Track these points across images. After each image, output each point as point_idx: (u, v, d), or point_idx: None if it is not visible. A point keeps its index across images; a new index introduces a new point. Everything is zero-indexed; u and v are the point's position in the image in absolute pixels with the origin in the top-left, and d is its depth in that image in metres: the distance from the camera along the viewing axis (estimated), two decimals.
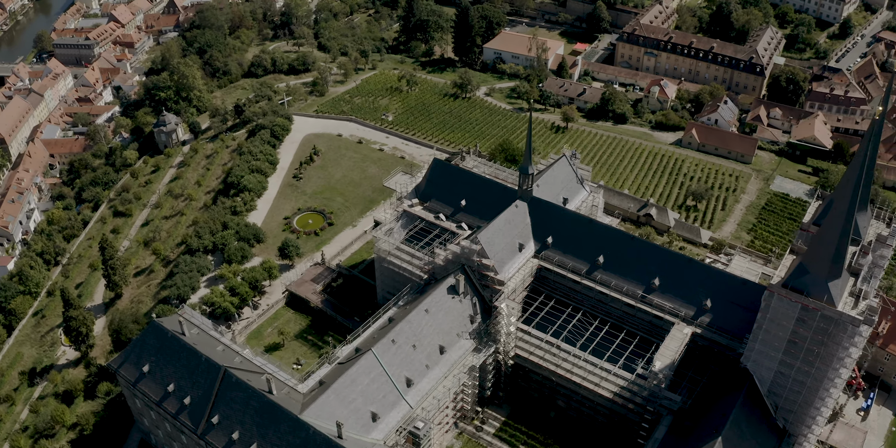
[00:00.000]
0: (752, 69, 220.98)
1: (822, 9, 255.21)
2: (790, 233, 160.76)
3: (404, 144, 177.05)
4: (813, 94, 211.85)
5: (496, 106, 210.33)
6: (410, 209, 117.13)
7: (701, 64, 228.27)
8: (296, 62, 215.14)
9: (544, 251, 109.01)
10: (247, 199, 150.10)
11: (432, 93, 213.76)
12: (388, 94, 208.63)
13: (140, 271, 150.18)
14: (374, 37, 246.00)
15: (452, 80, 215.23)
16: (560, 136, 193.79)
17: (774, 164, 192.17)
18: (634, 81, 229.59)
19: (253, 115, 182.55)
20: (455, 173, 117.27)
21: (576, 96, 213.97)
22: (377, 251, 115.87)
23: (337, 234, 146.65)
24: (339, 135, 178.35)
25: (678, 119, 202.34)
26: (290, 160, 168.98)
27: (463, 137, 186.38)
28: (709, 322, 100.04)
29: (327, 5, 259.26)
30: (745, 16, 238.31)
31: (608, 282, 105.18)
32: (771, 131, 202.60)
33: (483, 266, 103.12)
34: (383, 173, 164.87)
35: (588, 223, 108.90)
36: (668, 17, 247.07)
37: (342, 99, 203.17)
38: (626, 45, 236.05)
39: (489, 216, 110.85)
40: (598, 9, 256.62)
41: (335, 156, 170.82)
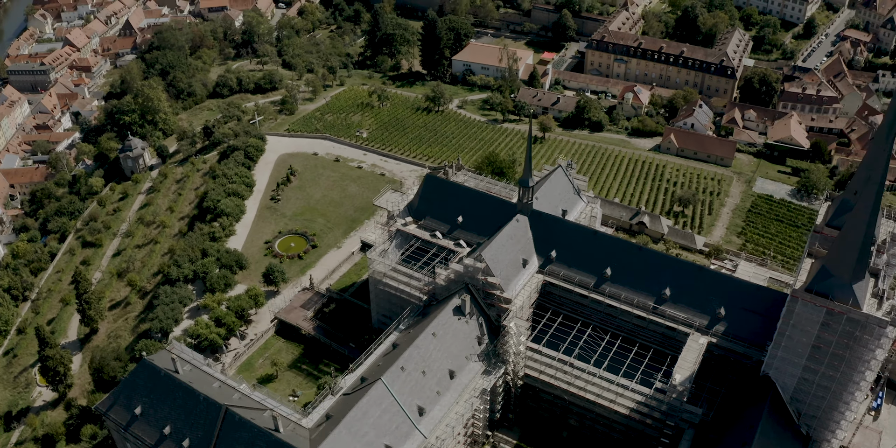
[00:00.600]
0: (723, 72, 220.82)
1: (786, 10, 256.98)
2: (779, 234, 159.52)
3: (383, 161, 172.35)
4: (785, 94, 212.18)
5: (470, 118, 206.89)
6: (404, 228, 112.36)
7: (671, 69, 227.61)
8: (262, 81, 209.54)
9: (549, 266, 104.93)
10: (225, 223, 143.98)
11: (404, 107, 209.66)
12: (359, 110, 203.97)
13: (115, 304, 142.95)
14: (339, 53, 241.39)
15: (424, 94, 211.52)
16: (538, 147, 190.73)
17: (754, 166, 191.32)
18: (606, 89, 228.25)
19: (223, 136, 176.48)
20: (450, 189, 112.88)
21: (550, 106, 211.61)
22: (372, 273, 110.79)
23: (322, 257, 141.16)
24: (314, 153, 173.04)
25: (655, 125, 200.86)
26: (266, 181, 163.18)
27: (441, 151, 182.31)
28: (724, 331, 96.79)
29: (289, 22, 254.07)
30: (712, 19, 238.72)
31: (617, 294, 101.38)
32: (747, 133, 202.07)
33: (489, 284, 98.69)
34: (364, 192, 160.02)
35: (592, 235, 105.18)
36: (634, 23, 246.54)
37: (313, 117, 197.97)
38: (595, 52, 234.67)
39: (488, 232, 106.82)
40: (564, 17, 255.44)
41: (312, 175, 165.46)
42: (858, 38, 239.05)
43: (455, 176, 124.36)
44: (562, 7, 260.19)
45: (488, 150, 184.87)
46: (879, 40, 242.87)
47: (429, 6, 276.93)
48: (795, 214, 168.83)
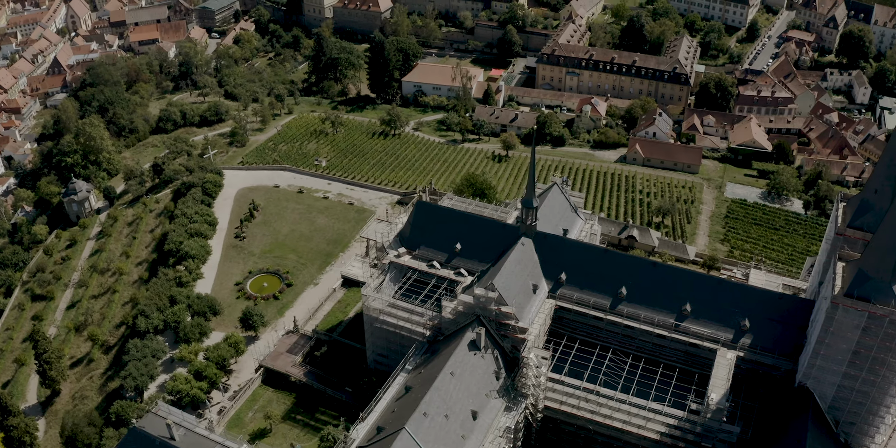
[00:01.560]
0: (677, 79, 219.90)
1: (728, 14, 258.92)
2: (762, 238, 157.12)
3: (349, 189, 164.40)
4: (741, 97, 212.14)
5: (428, 140, 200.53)
6: (398, 260, 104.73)
7: (624, 79, 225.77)
8: (208, 113, 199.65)
9: (559, 289, 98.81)
10: (191, 267, 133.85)
11: (359, 133, 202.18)
12: (313, 137, 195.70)
13: (76, 361, 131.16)
14: (282, 80, 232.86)
15: (380, 118, 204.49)
16: (504, 166, 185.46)
17: (721, 172, 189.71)
18: (560, 102, 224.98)
19: (174, 173, 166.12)
20: (444, 215, 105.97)
21: (508, 123, 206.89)
22: (367, 311, 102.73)
23: (299, 296, 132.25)
24: (275, 186, 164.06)
25: (617, 136, 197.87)
26: (228, 219, 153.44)
27: (406, 176, 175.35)
28: (750, 343, 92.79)
29: (226, 52, 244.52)
30: (659, 28, 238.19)
31: (636, 314, 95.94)
32: (710, 139, 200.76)
33: (503, 315, 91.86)
34: (334, 223, 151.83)
35: (603, 253, 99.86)
36: (582, 36, 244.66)
37: (266, 147, 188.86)
38: (546, 66, 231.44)
39: (490, 258, 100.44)
40: (509, 33, 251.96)
41: (277, 209, 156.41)
42: (802, 38, 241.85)
43: (441, 201, 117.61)
44: (505, 23, 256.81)
45: (455, 172, 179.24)
46: (823, 39, 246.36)
47: (368, 29, 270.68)
48: (772, 217, 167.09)
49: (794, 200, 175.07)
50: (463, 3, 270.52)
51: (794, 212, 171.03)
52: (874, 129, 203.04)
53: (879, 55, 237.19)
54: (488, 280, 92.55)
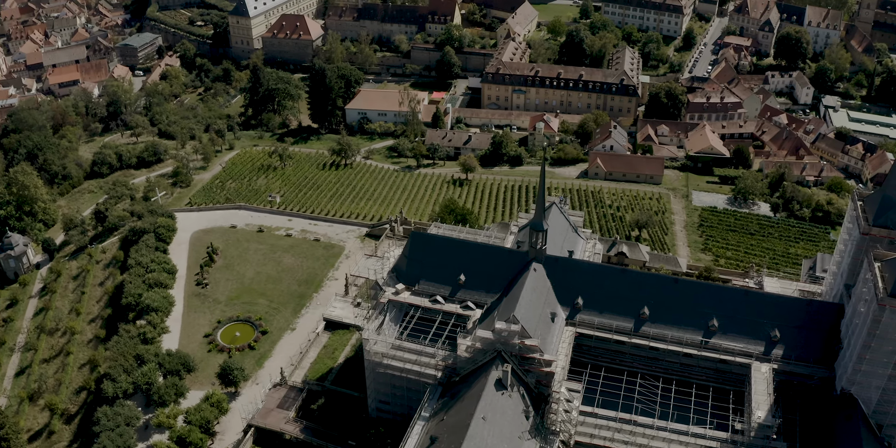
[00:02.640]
0: (625, 91, 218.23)
1: (662, 24, 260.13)
2: (741, 244, 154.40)
3: (312, 225, 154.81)
4: (691, 105, 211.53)
5: (382, 168, 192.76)
6: (397, 298, 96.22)
7: (572, 94, 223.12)
8: (145, 154, 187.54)
9: (577, 315, 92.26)
10: (155, 321, 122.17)
11: (309, 165, 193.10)
12: (261, 172, 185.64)
13: (35, 435, 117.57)
14: (218, 115, 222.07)
15: (329, 148, 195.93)
16: (467, 189, 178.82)
17: (683, 180, 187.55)
18: (510, 121, 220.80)
19: (119, 219, 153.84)
20: (442, 245, 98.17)
21: (462, 145, 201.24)
22: (369, 355, 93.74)
23: (276, 344, 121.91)
24: (232, 226, 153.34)
25: (576, 152, 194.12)
26: (186, 265, 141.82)
27: (368, 207, 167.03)
28: (783, 354, 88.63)
29: (155, 89, 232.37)
30: (600, 41, 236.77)
31: (662, 335, 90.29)
32: (667, 148, 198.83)
33: (527, 348, 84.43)
34: (303, 262, 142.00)
35: (620, 274, 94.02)
36: (524, 53, 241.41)
37: (213, 186, 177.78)
38: (492, 85, 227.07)
39: (497, 288, 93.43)
40: (447, 55, 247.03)
41: (238, 251, 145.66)
42: (740, 43, 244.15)
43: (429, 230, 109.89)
44: (442, 45, 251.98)
45: (418, 199, 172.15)
46: (759, 43, 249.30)
47: (300, 59, 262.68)
48: (744, 222, 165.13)
49: (760, 204, 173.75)
50: (397, 27, 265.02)
51: (764, 215, 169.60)
52: (824, 128, 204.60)
53: (816, 55, 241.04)
54: (507, 312, 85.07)
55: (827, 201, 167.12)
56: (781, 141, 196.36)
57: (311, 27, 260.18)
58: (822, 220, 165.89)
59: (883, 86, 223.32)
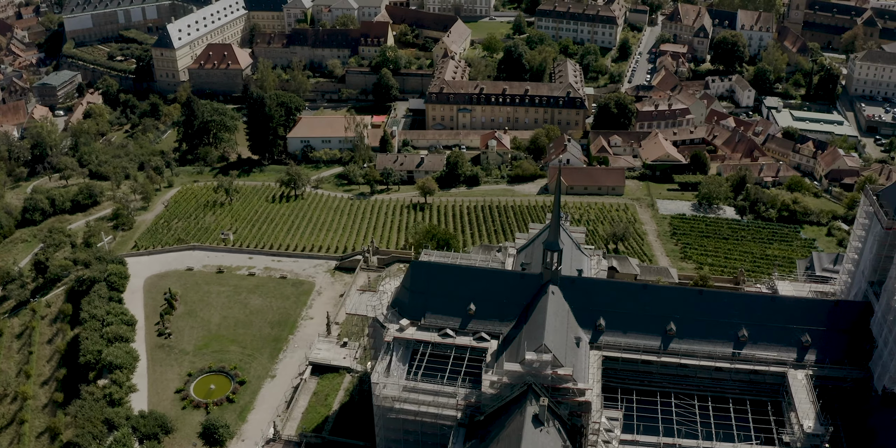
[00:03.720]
0: (573, 104, 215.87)
1: (597, 36, 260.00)
2: (719, 249, 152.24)
3: (275, 261, 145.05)
4: (641, 114, 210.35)
5: (335, 197, 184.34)
6: (402, 335, 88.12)
7: (519, 109, 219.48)
8: (80, 197, 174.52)
9: (600, 337, 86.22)
10: (120, 379, 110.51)
11: (257, 198, 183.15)
12: (208, 209, 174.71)
13: None
14: (151, 152, 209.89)
15: (277, 179, 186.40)
16: (428, 213, 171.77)
17: (645, 190, 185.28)
18: (458, 141, 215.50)
19: (62, 269, 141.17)
20: (448, 273, 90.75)
21: (415, 168, 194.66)
22: (378, 400, 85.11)
23: (257, 394, 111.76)
24: (189, 269, 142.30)
25: (533, 168, 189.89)
26: (143, 314, 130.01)
27: (331, 238, 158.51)
28: (817, 358, 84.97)
29: (80, 128, 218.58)
30: (539, 55, 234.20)
31: (691, 351, 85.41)
32: (623, 159, 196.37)
33: (560, 379, 77.69)
34: (272, 302, 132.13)
35: (642, 290, 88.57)
36: (464, 71, 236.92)
37: (158, 227, 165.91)
38: (436, 105, 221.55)
39: (511, 316, 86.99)
40: (384, 77, 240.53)
41: (199, 295, 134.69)
42: (676, 50, 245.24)
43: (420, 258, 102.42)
44: (378, 67, 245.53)
45: (381, 227, 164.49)
46: (695, 49, 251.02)
47: (230, 89, 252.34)
48: (715, 227, 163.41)
49: (724, 208, 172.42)
50: (329, 51, 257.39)
51: (732, 219, 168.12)
52: (772, 129, 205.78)
53: (752, 58, 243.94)
54: (535, 340, 78.23)
55: (792, 200, 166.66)
56: (734, 144, 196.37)
57: (239, 56, 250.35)
58: (789, 220, 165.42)
59: (821, 84, 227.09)
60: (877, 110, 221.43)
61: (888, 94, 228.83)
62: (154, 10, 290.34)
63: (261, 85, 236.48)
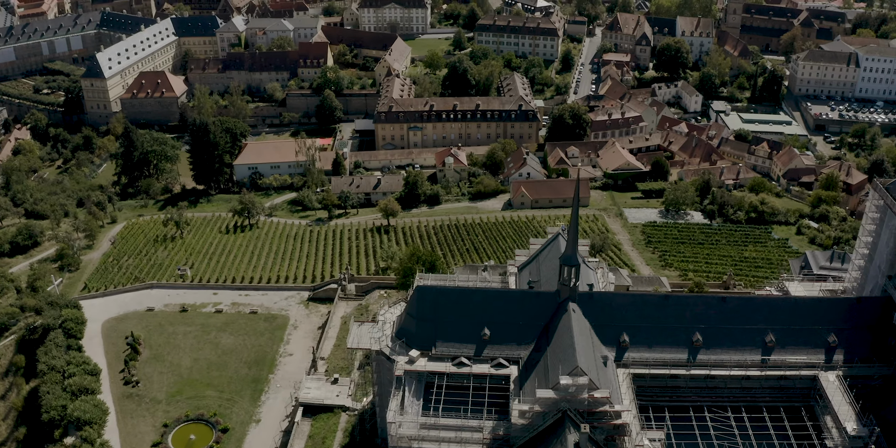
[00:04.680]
0: (525, 117, 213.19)
1: (538, 48, 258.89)
2: (697, 255, 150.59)
3: (243, 296, 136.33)
4: (595, 124, 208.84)
5: (291, 224, 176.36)
6: (413, 367, 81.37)
7: (470, 125, 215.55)
8: (19, 238, 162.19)
9: (625, 354, 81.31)
10: (91, 436, 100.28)
11: (210, 229, 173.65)
12: (159, 244, 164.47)
13: None
14: (89, 187, 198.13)
15: (230, 209, 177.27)
16: (393, 235, 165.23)
17: (609, 199, 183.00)
18: (411, 160, 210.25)
19: (9, 317, 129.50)
20: (457, 297, 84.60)
21: (372, 190, 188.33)
22: (394, 441, 77.93)
23: (243, 442, 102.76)
24: (149, 309, 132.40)
25: (495, 184, 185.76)
26: (106, 362, 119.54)
27: (296, 267, 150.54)
28: (845, 358, 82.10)
29: (11, 165, 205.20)
30: (486, 69, 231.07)
31: (720, 361, 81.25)
32: (584, 169, 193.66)
33: (597, 402, 72.29)
34: (245, 340, 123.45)
35: (663, 301, 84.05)
36: (410, 88, 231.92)
37: (108, 266, 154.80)
38: (385, 125, 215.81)
39: (528, 338, 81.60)
40: (327, 99, 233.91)
41: (164, 338, 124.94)
42: (620, 59, 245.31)
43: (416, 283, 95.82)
44: (320, 89, 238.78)
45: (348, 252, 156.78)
46: (638, 58, 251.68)
47: (165, 118, 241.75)
48: (687, 233, 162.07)
49: (692, 213, 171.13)
50: (267, 75, 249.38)
51: (702, 224, 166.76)
52: (725, 132, 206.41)
53: (695, 64, 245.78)
54: (569, 363, 72.73)
55: (760, 201, 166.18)
56: (692, 149, 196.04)
57: (173, 83, 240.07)
58: (758, 221, 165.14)
59: (766, 86, 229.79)
60: (823, 109, 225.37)
61: (831, 92, 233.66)
62: (79, 40, 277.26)
63: (198, 112, 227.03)
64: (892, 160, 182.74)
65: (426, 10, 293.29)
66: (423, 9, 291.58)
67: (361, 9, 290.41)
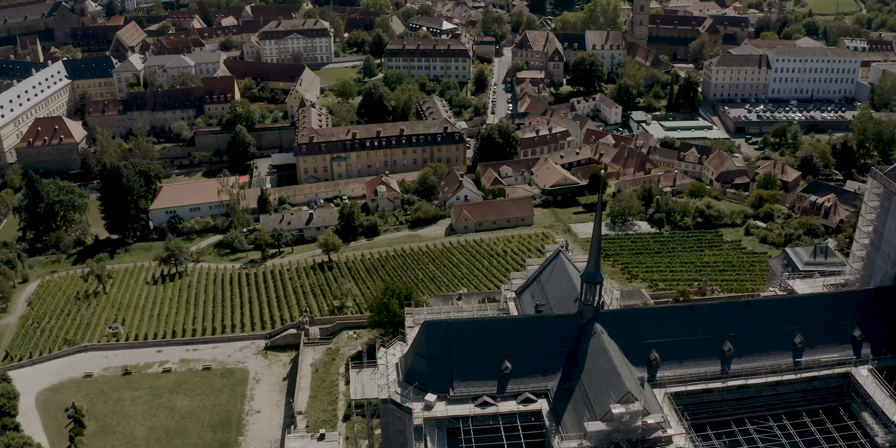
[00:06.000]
0: (451, 139, 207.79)
1: (450, 70, 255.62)
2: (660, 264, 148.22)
3: (191, 351, 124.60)
4: (524, 141, 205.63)
5: (223, 268, 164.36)
6: (433, 413, 72.79)
7: (396, 151, 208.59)
8: None
9: (657, 372, 75.28)
10: None
11: (135, 281, 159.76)
12: (82, 302, 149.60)
13: None
14: None
15: (156, 257, 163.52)
16: (337, 271, 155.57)
17: (552, 216, 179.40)
18: (338, 192, 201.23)
19: None
20: (470, 330, 76.46)
21: (305, 225, 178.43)
22: None
23: None
24: (87, 375, 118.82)
25: (434, 210, 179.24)
26: (46, 440, 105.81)
27: (241, 316, 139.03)
28: (873, 351, 78.81)
29: None
30: (403, 94, 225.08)
31: (753, 369, 76.33)
32: (521, 188, 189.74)
33: (650, 428, 65.97)
34: (203, 400, 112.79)
35: (689, 312, 78.62)
36: (327, 118, 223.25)
37: (28, 330, 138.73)
38: (307, 157, 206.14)
39: (554, 367, 74.65)
40: (239, 134, 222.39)
41: (110, 406, 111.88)
42: (534, 77, 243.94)
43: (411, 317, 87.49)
44: (230, 125, 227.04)
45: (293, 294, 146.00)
46: (551, 74, 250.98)
47: (66, 167, 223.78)
48: (641, 243, 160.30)
49: (638, 223, 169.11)
50: (171, 113, 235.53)
51: (652, 232, 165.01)
52: (652, 141, 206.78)
53: (609, 77, 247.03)
54: (618, 389, 66.23)
55: (706, 206, 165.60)
56: (624, 159, 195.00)
57: (72, 129, 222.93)
58: (705, 226, 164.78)
59: (681, 93, 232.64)
60: (741, 111, 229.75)
61: (745, 94, 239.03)
62: None
63: (101, 157, 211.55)
64: (820, 156, 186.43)
65: (329, 39, 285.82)
66: (326, 38, 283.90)
67: (263, 40, 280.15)
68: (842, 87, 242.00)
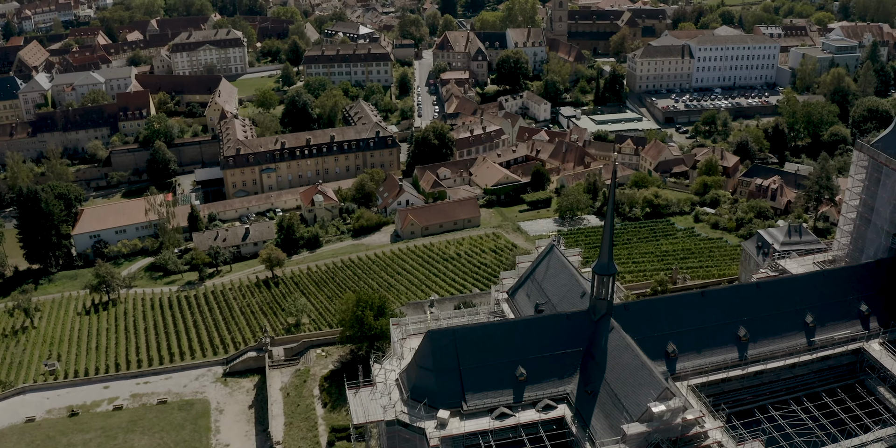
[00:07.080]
0: (384, 143, 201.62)
1: (372, 75, 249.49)
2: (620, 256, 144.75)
3: (143, 385, 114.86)
4: (459, 142, 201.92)
5: (158, 292, 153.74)
6: (448, 432, 66.98)
7: (327, 159, 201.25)
8: None
9: (676, 364, 71.92)
10: None
11: (64, 313, 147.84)
12: (10, 339, 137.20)
13: None
14: None
15: (86, 284, 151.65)
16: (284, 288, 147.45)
17: (498, 216, 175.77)
18: (271, 205, 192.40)
19: None
20: (479, 336, 71.09)
21: (242, 242, 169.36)
22: None
23: None
24: (29, 420, 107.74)
25: (377, 217, 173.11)
26: None
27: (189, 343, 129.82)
28: (880, 325, 78.10)
29: None
30: (329, 100, 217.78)
31: (769, 353, 74.48)
32: (463, 189, 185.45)
33: (689, 425, 62.19)
34: (164, 437, 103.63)
35: (700, 299, 75.76)
36: (251, 129, 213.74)
37: None
38: (235, 170, 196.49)
39: (571, 369, 71.17)
40: (158, 151, 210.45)
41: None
42: (459, 77, 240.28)
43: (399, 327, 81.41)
44: (148, 142, 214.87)
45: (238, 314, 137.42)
46: (475, 74, 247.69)
47: None
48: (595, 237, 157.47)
49: (587, 217, 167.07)
50: (85, 133, 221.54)
51: (602, 226, 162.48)
52: (587, 135, 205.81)
53: (534, 74, 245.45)
54: (655, 386, 62.11)
55: (654, 195, 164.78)
56: (563, 154, 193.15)
57: None
58: (654, 215, 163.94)
59: (607, 86, 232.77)
60: (668, 102, 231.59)
61: (670, 85, 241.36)
62: None
63: (12, 183, 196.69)
64: (754, 140, 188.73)
65: (243, 49, 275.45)
66: (239, 48, 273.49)
67: (174, 53, 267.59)
68: (763, 72, 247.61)
